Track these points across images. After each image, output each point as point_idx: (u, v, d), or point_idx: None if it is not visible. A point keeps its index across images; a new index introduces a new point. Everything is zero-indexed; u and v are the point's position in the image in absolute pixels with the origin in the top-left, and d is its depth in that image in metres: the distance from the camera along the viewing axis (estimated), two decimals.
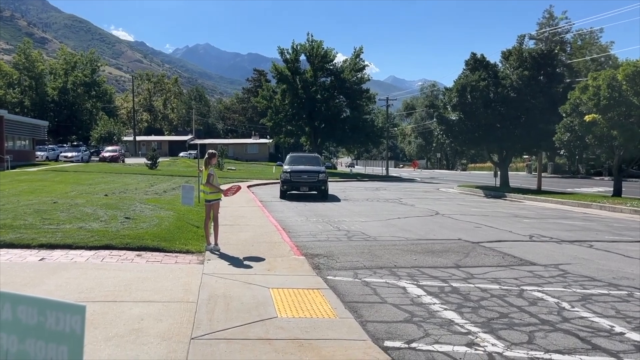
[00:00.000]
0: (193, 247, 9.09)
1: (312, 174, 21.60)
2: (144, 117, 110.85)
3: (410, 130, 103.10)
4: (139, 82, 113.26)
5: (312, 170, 21.86)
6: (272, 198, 21.77)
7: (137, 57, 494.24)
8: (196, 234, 10.39)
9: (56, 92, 68.89)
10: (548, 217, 16.25)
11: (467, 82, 28.79)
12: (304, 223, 13.88)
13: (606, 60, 58.69)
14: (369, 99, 58.70)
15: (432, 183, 41.53)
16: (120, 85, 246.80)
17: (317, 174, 21.57)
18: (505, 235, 11.97)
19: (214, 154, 9.25)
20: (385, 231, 12.47)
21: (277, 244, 9.85)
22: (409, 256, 9.26)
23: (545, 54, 30.18)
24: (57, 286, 6.24)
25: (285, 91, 56.80)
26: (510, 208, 19.60)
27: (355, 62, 56.86)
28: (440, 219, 15.49)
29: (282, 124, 58.53)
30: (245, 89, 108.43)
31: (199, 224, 11.71)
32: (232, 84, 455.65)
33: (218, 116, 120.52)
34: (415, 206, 19.48)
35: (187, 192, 11.94)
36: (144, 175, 32.72)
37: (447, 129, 30.52)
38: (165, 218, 12.09)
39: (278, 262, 8.20)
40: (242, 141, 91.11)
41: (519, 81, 28.95)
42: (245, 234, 10.96)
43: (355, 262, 8.62)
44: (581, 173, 60.69)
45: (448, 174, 67.76)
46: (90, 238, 9.12)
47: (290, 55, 56.38)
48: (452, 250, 9.95)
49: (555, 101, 28.40)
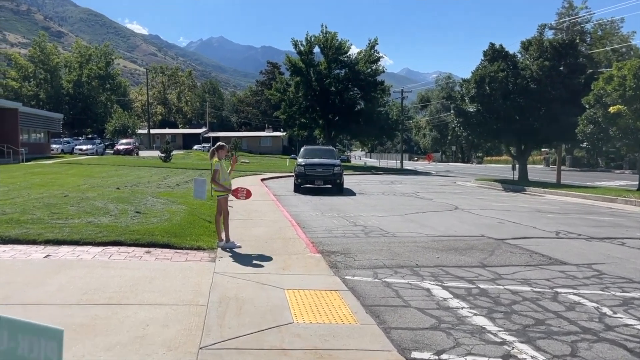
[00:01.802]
0: (204, 244, 8.71)
1: (327, 167, 20.91)
2: (158, 110, 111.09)
3: (425, 123, 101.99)
4: (153, 75, 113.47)
5: (327, 163, 21.16)
6: (286, 192, 21.36)
7: (151, 51, 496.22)
8: (208, 229, 10.02)
9: (71, 85, 69.08)
10: (572, 212, 15.63)
11: (485, 73, 28.06)
12: (319, 218, 13.45)
13: (627, 51, 57.26)
14: (383, 91, 57.86)
15: (448, 176, 40.85)
16: (134, 79, 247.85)
17: (332, 167, 20.88)
18: (530, 232, 11.43)
19: (222, 145, 8.83)
20: (404, 227, 12.00)
21: (292, 240, 9.43)
22: (430, 254, 8.79)
23: (566, 44, 29.29)
24: (60, 286, 5.88)
25: (299, 83, 56.23)
26: (532, 202, 18.99)
27: (369, 53, 56.06)
28: (461, 213, 14.96)
29: (295, 116, 58.05)
30: (259, 81, 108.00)
31: (211, 218, 11.34)
32: (245, 77, 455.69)
33: (232, 109, 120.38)
34: (433, 200, 18.95)
35: (199, 185, 11.53)
36: (157, 168, 32.52)
37: (465, 121, 29.82)
38: (177, 212, 11.74)
39: (293, 260, 7.79)
40: (255, 134, 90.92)
41: (540, 72, 28.12)
42: (258, 230, 10.56)
43: (375, 261, 8.17)
44: (601, 166, 59.49)
45: (464, 167, 66.87)
46: (99, 234, 8.77)
47: (304, 47, 55.73)
48: (476, 247, 9.46)
49: (576, 92, 27.56)
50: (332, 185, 20.90)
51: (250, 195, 9.06)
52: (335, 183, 20.85)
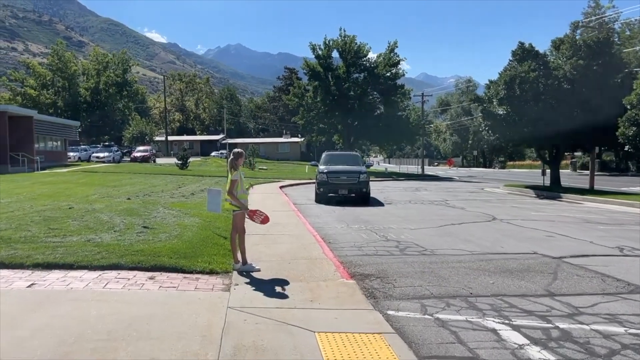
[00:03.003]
0: (218, 266, 7.50)
1: (352, 174, 19.12)
2: (176, 117, 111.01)
3: (445, 127, 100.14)
4: (171, 82, 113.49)
5: (352, 170, 19.36)
6: (306, 200, 20.14)
7: (170, 59, 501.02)
8: (223, 247, 8.82)
9: (88, 92, 68.87)
10: (625, 223, 14.12)
11: (515, 74, 26.56)
12: (346, 231, 12.18)
13: None
14: (403, 95, 56.52)
15: (472, 182, 39.29)
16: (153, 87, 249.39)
17: (358, 175, 19.09)
18: (588, 248, 10.01)
19: (240, 153, 7.62)
20: (442, 242, 10.67)
21: (319, 260, 8.18)
22: (482, 278, 7.46)
23: (601, 42, 27.62)
24: (35, 331, 4.70)
25: (317, 88, 55.17)
26: (573, 211, 17.48)
27: (389, 56, 54.74)
28: (501, 225, 13.57)
29: (314, 122, 57.01)
30: (277, 87, 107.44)
31: (226, 234, 10.14)
32: (262, 83, 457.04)
33: (249, 115, 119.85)
34: (465, 209, 17.56)
35: (214, 196, 10.35)
36: (173, 175, 31.60)
37: (494, 124, 28.30)
38: (189, 227, 10.57)
39: (322, 288, 6.53)
40: (273, 140, 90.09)
41: (573, 71, 26.51)
42: (280, 247, 9.33)
43: (418, 288, 6.88)
44: (632, 171, 57.22)
45: (486, 172, 65.04)
46: (97, 255, 7.62)
47: (322, 51, 54.70)
48: (532, 269, 8.10)
49: (613, 93, 25.94)
50: (358, 195, 19.08)
51: (268, 220, 7.77)
52: (361, 192, 19.05)
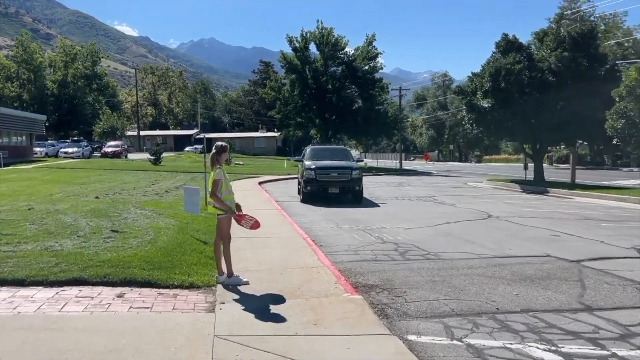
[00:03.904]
0: (199, 278, 6.43)
1: (344, 170, 17.20)
2: (149, 111, 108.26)
3: (422, 122, 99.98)
4: (143, 75, 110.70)
5: (342, 166, 17.49)
6: (289, 197, 19.09)
7: (141, 52, 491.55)
8: (203, 254, 7.73)
9: (56, 85, 66.19)
10: (626, 220, 13.46)
11: (501, 66, 25.89)
12: (336, 232, 11.20)
13: (634, 44, 55.46)
14: (382, 89, 55.62)
15: (453, 176, 38.70)
16: (125, 81, 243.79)
17: (350, 171, 17.14)
18: (602, 249, 9.22)
19: (224, 147, 6.54)
20: (444, 243, 9.77)
21: (315, 269, 7.16)
22: (502, 288, 6.56)
23: (585, 34, 27.18)
24: None
25: (294, 81, 53.95)
26: (567, 207, 16.83)
27: (367, 49, 53.75)
28: (499, 223, 12.77)
29: (291, 115, 55.72)
30: (252, 81, 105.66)
31: (206, 237, 9.06)
32: (237, 77, 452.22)
33: (224, 109, 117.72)
34: (456, 206, 16.75)
35: (191, 195, 9.27)
36: (145, 171, 30.15)
37: (478, 118, 27.61)
38: (164, 230, 9.44)
39: (325, 306, 5.52)
40: (249, 135, 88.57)
41: (558, 64, 25.97)
42: (268, 253, 8.29)
43: (435, 303, 5.93)
44: (607, 164, 57.63)
45: (464, 167, 64.82)
46: (55, 267, 6.48)
47: (299, 43, 53.40)
48: (553, 275, 7.24)
49: (598, 85, 25.52)
50: (351, 193, 17.30)
51: (258, 226, 6.68)
52: (354, 190, 17.15)
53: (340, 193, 17.09)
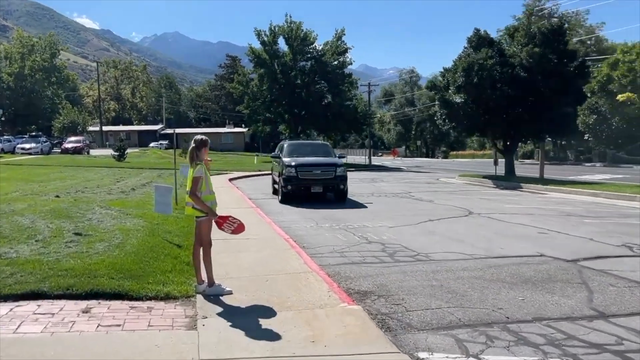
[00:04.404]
0: (176, 288, 5.77)
1: (328, 168, 15.88)
2: (111, 106, 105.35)
3: (389, 118, 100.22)
4: (105, 69, 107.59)
5: (326, 163, 16.20)
6: (262, 195, 18.41)
7: (103, 46, 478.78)
8: (178, 260, 7.05)
9: (12, 78, 63.35)
10: (607, 216, 13.32)
11: (474, 61, 25.75)
12: (317, 231, 10.64)
13: (596, 42, 56.59)
14: (351, 84, 55.32)
15: (423, 172, 38.63)
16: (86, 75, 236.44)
17: (334, 168, 15.82)
18: (593, 247, 8.93)
19: (204, 141, 5.87)
20: (431, 243, 9.32)
21: (303, 275, 6.58)
22: (505, 292, 6.12)
23: (555, 30, 27.34)
24: None
25: (262, 76, 53.07)
26: (545, 203, 16.69)
27: (336, 44, 53.27)
28: (481, 220, 12.44)
29: (259, 111, 54.80)
30: (218, 75, 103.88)
31: (180, 239, 8.37)
32: (202, 72, 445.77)
33: (190, 105, 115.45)
34: (435, 202, 16.41)
35: (162, 195, 8.55)
36: (109, 168, 28.96)
37: (451, 113, 27.47)
38: (132, 232, 8.69)
39: (321, 319, 4.95)
40: (216, 130, 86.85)
41: (530, 59, 26.01)
42: (249, 256, 7.65)
43: (438, 311, 5.43)
44: (570, 159, 58.76)
45: (432, 162, 65.12)
46: (9, 278, 5.71)
47: (267, 37, 52.50)
48: (554, 277, 6.86)
49: (568, 81, 25.70)
50: (335, 192, 16.20)
51: (242, 229, 6.04)
52: (338, 189, 16.00)
53: (324, 192, 16.05)
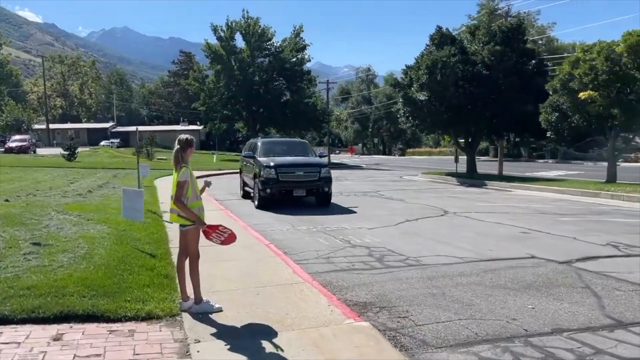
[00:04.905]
0: (158, 306, 5.13)
1: (311, 168, 14.36)
2: (58, 103, 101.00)
3: (346, 116, 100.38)
4: (51, 64, 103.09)
5: (309, 163, 14.79)
6: (228, 195, 17.69)
7: (47, 40, 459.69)
8: (155, 271, 6.38)
9: None
10: (580, 213, 13.37)
11: (437, 58, 25.74)
12: (295, 235, 10.12)
13: (547, 42, 58.24)
14: (310, 82, 54.89)
15: (384, 170, 38.62)
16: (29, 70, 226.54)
17: (319, 169, 14.33)
18: (580, 247, 8.78)
19: (189, 141, 5.27)
20: (416, 245, 8.97)
21: (296, 286, 6.05)
22: (512, 299, 5.79)
23: (514, 28, 27.73)
24: None
25: (219, 72, 51.97)
26: (515, 200, 16.71)
27: (295, 41, 52.73)
28: (459, 220, 12.22)
29: (216, 108, 53.62)
30: (172, 72, 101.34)
31: (152, 248, 7.68)
32: (153, 69, 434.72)
33: (142, 102, 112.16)
34: (406, 202, 16.15)
35: (132, 199, 7.82)
36: (60, 168, 27.43)
37: (414, 111, 27.40)
38: (98, 240, 7.92)
39: (329, 339, 4.45)
40: (170, 128, 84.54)
41: (491, 57, 26.25)
42: (232, 265, 7.05)
43: (449, 324, 5.02)
44: (524, 156, 60.31)
45: (390, 160, 65.55)
46: None
47: (224, 33, 51.38)
48: (555, 281, 6.59)
49: (527, 79, 26.08)
50: (318, 196, 14.63)
51: (233, 239, 5.39)
52: (323, 192, 14.47)
53: (307, 196, 14.58)
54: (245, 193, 16.69)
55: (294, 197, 14.38)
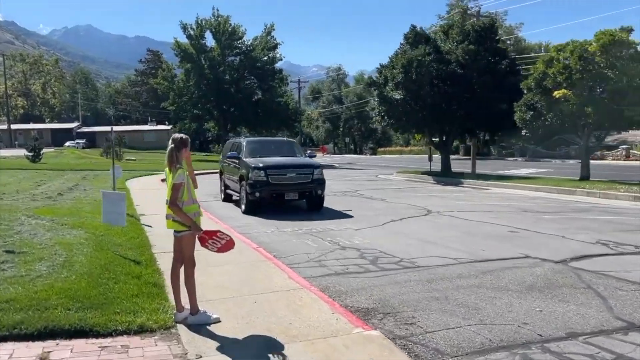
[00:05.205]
0: (150, 317, 4.78)
1: (304, 170, 13.34)
2: (20, 102, 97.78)
3: (318, 115, 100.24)
4: (12, 63, 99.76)
5: (301, 164, 13.76)
6: (205, 196, 17.14)
7: (7, 38, 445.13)
8: (142, 279, 6.01)
9: None
10: (560, 211, 13.44)
11: (413, 57, 25.73)
12: (282, 237, 9.83)
13: (515, 42, 59.22)
14: (281, 80, 54.58)
15: (357, 169, 38.52)
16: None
17: (311, 170, 13.34)
18: (571, 246, 8.74)
19: (184, 140, 4.92)
20: (406, 246, 8.79)
21: (295, 293, 5.76)
22: (517, 302, 5.64)
23: (487, 27, 27.98)
24: None
25: (189, 71, 51.16)
26: (495, 199, 16.74)
27: (266, 40, 52.34)
28: (444, 219, 12.12)
29: (186, 107, 52.74)
30: (139, 71, 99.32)
31: (135, 254, 7.28)
32: (118, 68, 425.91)
33: (108, 101, 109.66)
34: (387, 201, 16.02)
35: (113, 203, 7.40)
36: (25, 170, 26.41)
37: (390, 110, 27.34)
38: (76, 247, 7.47)
39: (340, 350, 4.18)
40: (138, 128, 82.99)
41: (465, 56, 26.40)
42: (223, 272, 6.71)
43: (461, 331, 4.82)
44: (493, 154, 61.16)
45: (362, 159, 65.62)
46: None
47: (194, 31, 50.61)
48: (555, 282, 6.48)
49: (500, 78, 26.32)
50: (310, 199, 13.67)
51: (231, 246, 5.11)
52: (316, 196, 13.50)
53: (300, 199, 13.54)
54: (227, 196, 15.97)
55: (285, 200, 13.40)
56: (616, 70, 19.05)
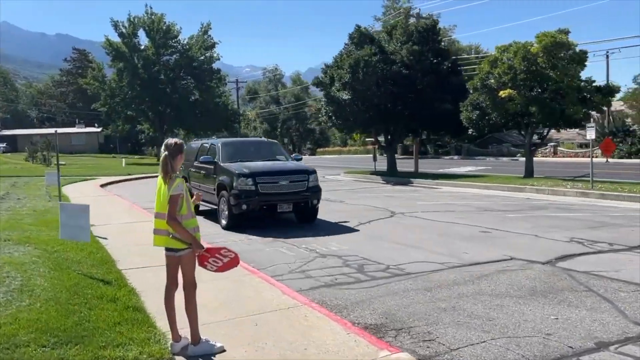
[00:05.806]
0: (143, 351, 4.13)
1: (297, 177, 11.46)
2: None
3: (255, 116, 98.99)
4: None
5: (293, 169, 11.85)
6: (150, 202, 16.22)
7: None
8: (118, 302, 5.31)
9: None
10: (521, 209, 13.58)
11: (360, 57, 25.63)
12: (253, 246, 9.28)
13: (449, 44, 60.80)
14: (219, 80, 53.33)
15: None
16: None
17: (306, 177, 11.51)
18: (549, 245, 8.73)
19: (179, 146, 4.29)
20: (387, 251, 8.48)
21: (295, 311, 5.25)
22: (529, 309, 5.42)
23: (430, 28, 28.37)
24: None
25: (122, 70, 48.89)
26: (450, 198, 16.81)
27: (203, 39, 50.88)
28: (411, 220, 11.95)
29: (119, 108, 50.38)
30: (64, 70, 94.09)
31: (101, 272, 6.51)
32: (39, 67, 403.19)
33: (30, 102, 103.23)
34: (346, 203, 15.73)
35: (74, 216, 6.56)
36: None
37: (337, 110, 27.13)
38: (30, 267, 6.58)
39: None
40: (65, 130, 78.31)
41: (410, 57, 26.63)
42: (210, 289, 5.95)
43: (487, 346, 4.50)
44: (430, 153, 62.57)
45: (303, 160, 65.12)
46: None
47: (126, 29, 48.37)
48: (554, 285, 6.34)
49: (443, 78, 26.78)
50: (306, 211, 11.86)
51: (235, 264, 4.58)
52: (311, 207, 11.77)
53: (293, 210, 11.62)
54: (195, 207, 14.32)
55: (279, 212, 11.51)
56: (557, 71, 19.75)
